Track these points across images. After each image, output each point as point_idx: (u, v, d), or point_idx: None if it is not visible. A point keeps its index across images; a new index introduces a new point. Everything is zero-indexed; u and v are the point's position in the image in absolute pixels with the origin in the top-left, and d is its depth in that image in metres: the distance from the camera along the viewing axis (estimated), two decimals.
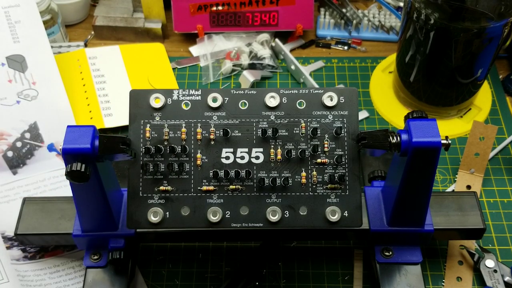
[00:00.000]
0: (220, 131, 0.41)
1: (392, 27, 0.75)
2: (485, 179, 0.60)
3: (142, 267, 0.53)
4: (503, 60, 0.73)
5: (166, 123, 0.41)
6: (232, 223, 0.41)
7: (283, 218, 0.41)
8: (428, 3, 0.54)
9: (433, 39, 0.56)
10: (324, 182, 0.41)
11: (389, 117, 0.66)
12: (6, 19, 0.63)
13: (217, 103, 0.42)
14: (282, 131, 0.42)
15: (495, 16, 0.52)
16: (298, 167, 0.41)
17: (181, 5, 0.72)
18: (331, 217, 0.41)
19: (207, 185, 0.41)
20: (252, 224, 0.41)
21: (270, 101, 0.42)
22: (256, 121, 0.42)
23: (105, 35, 0.76)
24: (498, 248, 0.54)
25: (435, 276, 0.53)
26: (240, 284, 0.51)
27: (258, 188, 0.41)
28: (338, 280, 0.52)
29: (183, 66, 0.73)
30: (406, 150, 0.40)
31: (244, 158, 0.41)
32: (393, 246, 0.48)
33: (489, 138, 0.58)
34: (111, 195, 0.44)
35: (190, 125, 0.42)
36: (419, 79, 0.61)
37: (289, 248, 0.54)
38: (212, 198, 0.41)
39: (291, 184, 0.41)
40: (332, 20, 0.76)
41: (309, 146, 0.41)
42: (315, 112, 0.42)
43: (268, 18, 0.73)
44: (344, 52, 0.75)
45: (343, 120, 0.42)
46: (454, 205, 0.49)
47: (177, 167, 0.41)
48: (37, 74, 0.62)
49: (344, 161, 0.41)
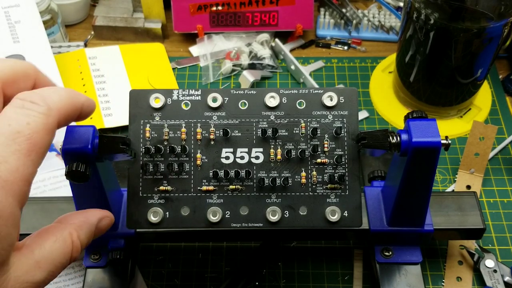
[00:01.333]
0: (220, 131, 0.41)
1: (392, 27, 0.75)
2: (485, 179, 0.60)
3: (142, 267, 0.53)
4: (503, 60, 0.73)
5: (166, 123, 0.41)
6: (232, 223, 0.41)
7: (283, 218, 0.41)
8: (428, 3, 0.54)
9: (433, 39, 0.56)
10: (324, 182, 0.41)
11: (389, 117, 0.66)
12: (6, 19, 0.63)
13: (217, 103, 0.42)
14: (282, 131, 0.42)
15: (495, 16, 0.52)
16: (298, 167, 0.41)
17: (181, 5, 0.72)
18: (331, 217, 0.41)
19: (207, 185, 0.41)
20: (252, 224, 0.41)
21: (270, 101, 0.42)
22: (256, 121, 0.42)
23: (105, 35, 0.76)
24: (498, 248, 0.54)
25: (435, 276, 0.53)
26: (240, 284, 0.51)
27: (258, 188, 0.41)
28: (338, 280, 0.52)
29: (183, 66, 0.73)
30: (406, 150, 0.40)
31: (244, 158, 0.41)
32: (393, 246, 0.48)
33: (489, 138, 0.58)
34: (111, 195, 0.44)
35: (190, 125, 0.42)
36: (419, 79, 0.61)
37: (289, 248, 0.54)
38: (212, 198, 0.41)
39: (291, 184, 0.41)
40: (332, 20, 0.76)
41: (309, 146, 0.41)
42: (315, 112, 0.42)
43: (268, 18, 0.73)
44: (344, 52, 0.75)
45: (343, 120, 0.41)
46: (454, 205, 0.49)
47: (177, 167, 0.41)
48: None
49: (344, 161, 0.41)
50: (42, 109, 0.30)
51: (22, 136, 0.29)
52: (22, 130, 0.29)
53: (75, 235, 0.35)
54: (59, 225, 0.35)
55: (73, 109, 0.33)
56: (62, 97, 0.32)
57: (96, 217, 0.37)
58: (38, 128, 0.30)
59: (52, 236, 0.34)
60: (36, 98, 0.31)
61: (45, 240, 0.33)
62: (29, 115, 0.30)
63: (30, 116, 0.30)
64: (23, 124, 0.29)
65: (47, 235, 0.34)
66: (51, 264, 0.32)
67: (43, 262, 0.32)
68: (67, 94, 0.33)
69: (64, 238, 0.34)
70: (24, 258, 0.31)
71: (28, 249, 0.32)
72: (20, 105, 0.30)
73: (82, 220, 0.36)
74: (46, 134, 0.30)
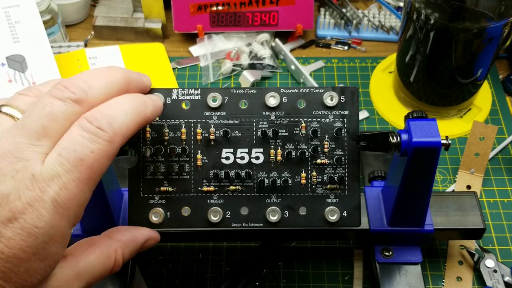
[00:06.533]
0: (220, 131, 0.41)
1: (392, 27, 0.75)
2: (485, 179, 0.60)
3: (142, 267, 0.53)
4: (503, 60, 0.73)
5: (166, 123, 0.41)
6: (233, 223, 0.41)
7: (282, 218, 0.41)
8: (428, 3, 0.54)
9: (433, 39, 0.56)
10: (323, 182, 0.41)
11: (389, 117, 0.66)
12: (6, 19, 0.63)
13: (217, 103, 0.41)
14: (282, 132, 0.41)
15: (495, 16, 0.52)
16: (298, 168, 0.41)
17: (181, 5, 0.72)
18: (330, 217, 0.41)
19: (207, 186, 0.41)
20: (252, 224, 0.41)
21: (270, 100, 0.41)
22: (256, 121, 0.41)
23: (105, 35, 0.76)
24: (498, 248, 0.54)
25: (435, 276, 0.53)
26: (240, 284, 0.51)
27: (258, 188, 0.41)
28: (338, 280, 0.52)
29: (183, 66, 0.73)
30: (406, 150, 0.40)
31: (244, 158, 0.41)
32: (393, 246, 0.48)
33: (489, 138, 0.58)
34: (111, 195, 0.44)
35: (190, 125, 0.41)
36: (419, 79, 0.61)
37: (289, 248, 0.54)
38: (213, 199, 0.41)
39: (290, 184, 0.41)
40: (332, 20, 0.76)
41: (309, 146, 0.41)
42: (315, 112, 0.41)
43: (268, 18, 0.73)
44: (344, 52, 0.75)
45: (344, 120, 0.41)
46: (454, 205, 0.49)
47: (177, 168, 0.41)
48: (37, 74, 0.62)
49: (344, 162, 0.41)
50: (107, 137, 0.30)
51: (85, 164, 0.29)
52: (85, 159, 0.29)
53: (120, 252, 0.35)
54: (106, 239, 0.35)
55: (138, 127, 0.33)
56: (129, 116, 0.32)
57: (144, 236, 0.38)
58: (101, 155, 0.30)
59: (98, 251, 0.34)
60: (104, 124, 0.30)
61: (90, 253, 0.33)
62: (94, 142, 0.30)
63: (95, 143, 0.30)
64: (87, 153, 0.29)
65: (93, 248, 0.34)
66: (90, 277, 0.33)
67: (84, 274, 0.32)
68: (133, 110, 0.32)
69: (109, 254, 0.34)
70: (67, 269, 0.32)
71: (73, 260, 0.32)
72: (88, 129, 0.30)
73: (129, 239, 0.36)
74: (108, 160, 0.31)
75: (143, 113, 0.33)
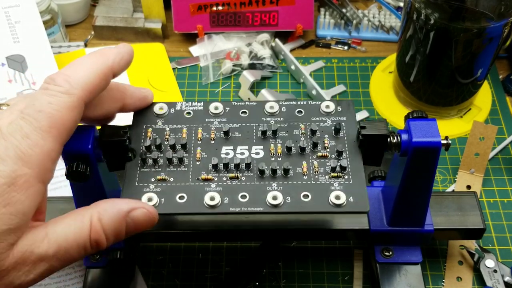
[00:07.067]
0: (220, 132, 0.42)
1: (392, 27, 0.75)
2: (485, 179, 0.60)
3: (142, 267, 0.53)
4: (503, 60, 0.73)
5: (168, 127, 0.42)
6: (231, 208, 0.39)
7: (285, 203, 0.39)
8: (428, 3, 0.54)
9: (433, 39, 0.56)
10: (326, 172, 0.40)
11: (389, 117, 0.66)
12: (6, 19, 0.63)
13: (219, 110, 0.43)
14: (281, 133, 0.42)
15: (495, 16, 0.52)
16: (298, 160, 0.41)
17: (181, 5, 0.72)
18: (335, 200, 0.38)
19: (205, 175, 0.40)
20: (252, 208, 0.39)
21: (269, 108, 0.43)
22: (256, 125, 0.43)
23: (105, 35, 0.76)
24: (498, 248, 0.54)
25: (435, 276, 0.53)
26: (240, 284, 0.51)
27: (258, 178, 0.40)
28: (338, 280, 0.52)
29: (183, 66, 0.73)
30: (406, 150, 0.40)
31: (244, 154, 0.41)
32: (393, 246, 0.48)
33: (489, 138, 0.58)
34: (111, 195, 0.44)
35: (192, 128, 0.42)
36: (419, 79, 0.61)
37: (289, 248, 0.54)
38: (210, 186, 0.40)
39: (291, 174, 0.40)
40: (332, 20, 0.76)
41: (309, 143, 0.41)
42: (313, 118, 0.43)
43: (268, 18, 0.73)
44: (344, 52, 0.75)
45: (342, 124, 0.42)
46: (454, 205, 0.49)
47: (176, 162, 0.41)
48: (37, 74, 0.62)
49: (345, 156, 0.41)
50: (63, 89, 0.33)
51: (43, 114, 0.32)
52: (43, 109, 0.32)
53: (96, 217, 0.34)
54: (84, 207, 0.35)
55: (101, 78, 0.35)
56: (86, 69, 0.35)
57: (127, 205, 0.36)
58: (61, 106, 0.33)
59: (71, 216, 0.34)
60: (60, 79, 0.33)
61: (63, 219, 0.34)
62: (51, 95, 0.32)
63: (52, 96, 0.33)
64: (45, 104, 0.32)
65: (68, 215, 0.34)
66: (63, 240, 0.33)
67: (53, 236, 0.33)
68: (92, 62, 0.35)
69: (83, 218, 0.34)
70: (36, 231, 0.32)
71: (43, 225, 0.33)
72: (44, 87, 0.33)
73: (108, 205, 0.36)
74: (70, 111, 0.33)
75: (103, 63, 0.36)
